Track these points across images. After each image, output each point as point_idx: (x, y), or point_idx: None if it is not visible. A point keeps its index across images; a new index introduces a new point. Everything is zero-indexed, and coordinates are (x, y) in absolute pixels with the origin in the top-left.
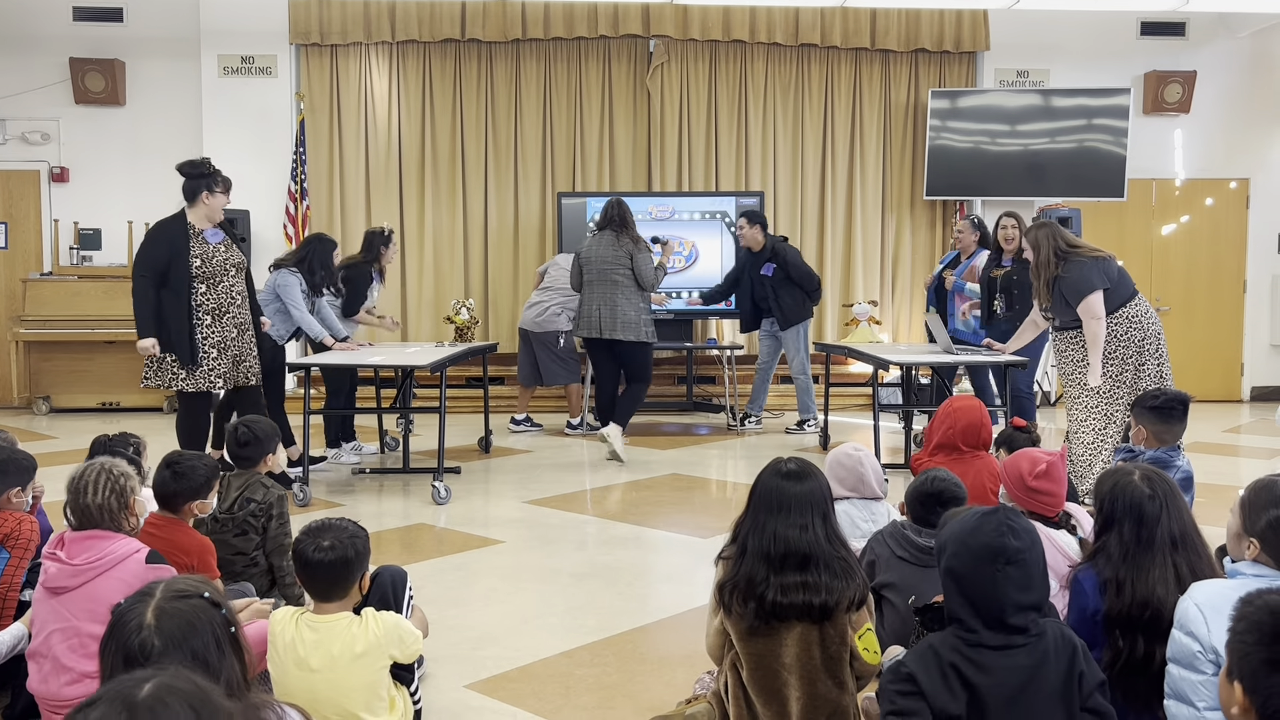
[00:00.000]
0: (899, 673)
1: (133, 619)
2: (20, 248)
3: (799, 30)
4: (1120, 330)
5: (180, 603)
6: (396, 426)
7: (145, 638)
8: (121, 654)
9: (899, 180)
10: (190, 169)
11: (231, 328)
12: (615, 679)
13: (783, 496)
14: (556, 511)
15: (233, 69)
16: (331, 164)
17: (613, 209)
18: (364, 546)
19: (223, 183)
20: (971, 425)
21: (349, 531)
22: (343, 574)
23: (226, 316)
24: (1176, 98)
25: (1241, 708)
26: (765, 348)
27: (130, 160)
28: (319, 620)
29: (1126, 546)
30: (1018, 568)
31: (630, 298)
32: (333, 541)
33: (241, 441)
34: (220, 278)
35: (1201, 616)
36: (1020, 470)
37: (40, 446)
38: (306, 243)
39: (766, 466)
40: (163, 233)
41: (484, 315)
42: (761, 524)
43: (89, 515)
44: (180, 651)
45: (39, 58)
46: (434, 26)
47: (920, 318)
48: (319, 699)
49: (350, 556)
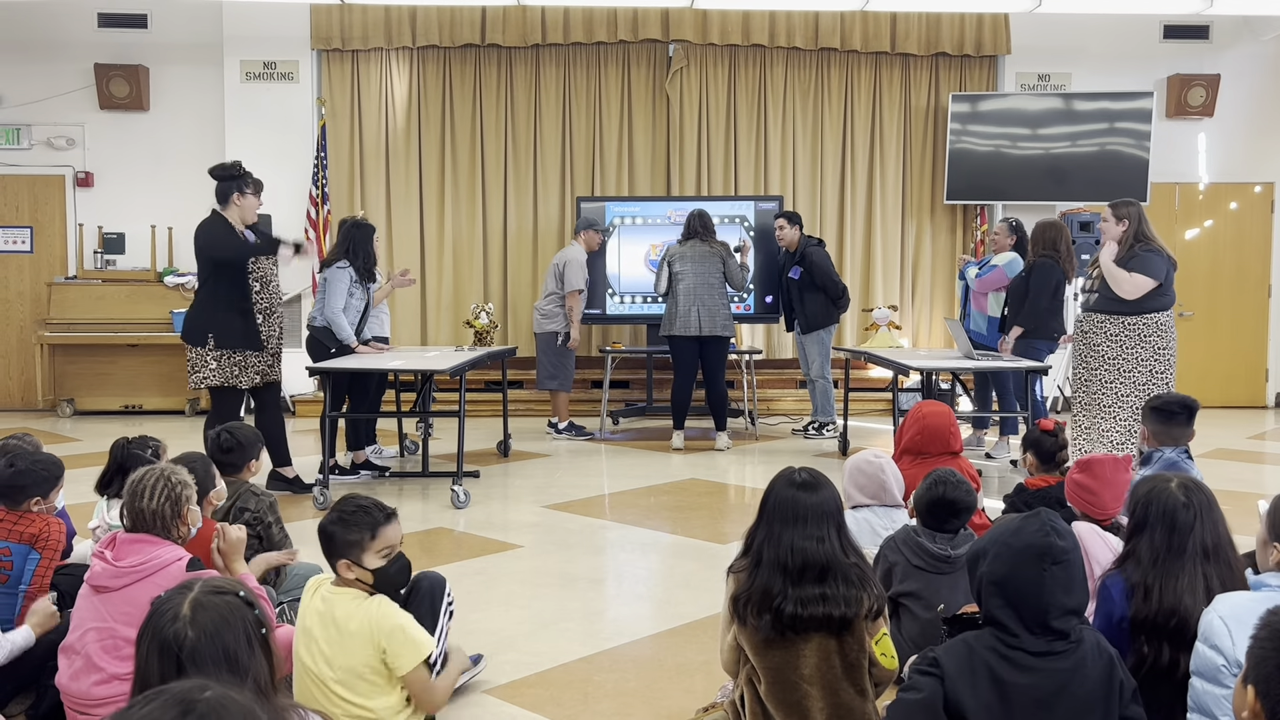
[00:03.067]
0: (925, 656)
1: (169, 609)
2: (45, 252)
3: (819, 34)
4: (1147, 330)
5: (216, 598)
6: (416, 430)
7: (180, 629)
8: (157, 642)
9: (919, 184)
10: (221, 172)
11: (275, 326)
12: (634, 685)
13: (797, 507)
14: (575, 516)
15: (255, 74)
16: (352, 168)
17: (696, 219)
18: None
19: (253, 185)
20: (939, 430)
21: (358, 503)
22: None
23: (274, 316)
24: (1200, 101)
25: (1252, 711)
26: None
27: (154, 165)
28: (333, 591)
29: (1157, 552)
30: (1063, 568)
31: (723, 299)
32: (340, 512)
33: (225, 448)
34: (270, 278)
35: (1226, 629)
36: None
37: (64, 449)
38: (345, 232)
39: (778, 476)
40: (217, 225)
41: (503, 319)
42: (776, 535)
43: (142, 519)
44: (212, 644)
45: (64, 64)
46: (454, 32)
47: (941, 322)
48: (305, 667)
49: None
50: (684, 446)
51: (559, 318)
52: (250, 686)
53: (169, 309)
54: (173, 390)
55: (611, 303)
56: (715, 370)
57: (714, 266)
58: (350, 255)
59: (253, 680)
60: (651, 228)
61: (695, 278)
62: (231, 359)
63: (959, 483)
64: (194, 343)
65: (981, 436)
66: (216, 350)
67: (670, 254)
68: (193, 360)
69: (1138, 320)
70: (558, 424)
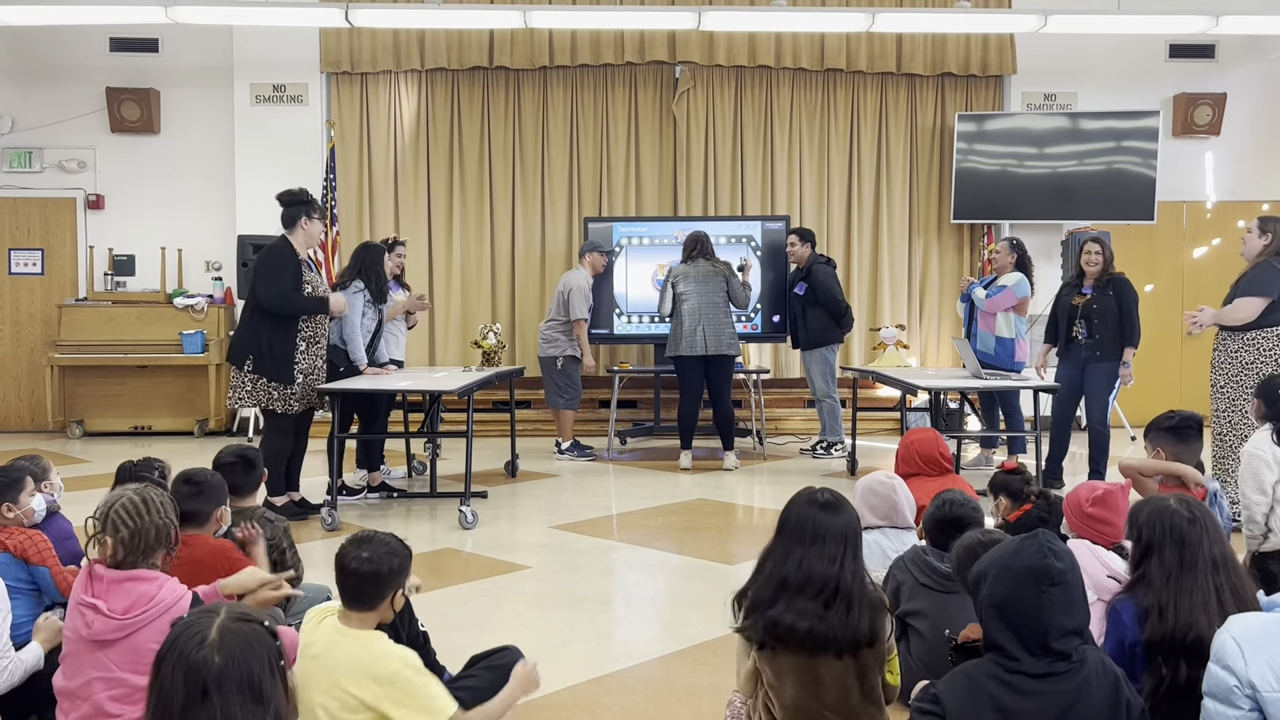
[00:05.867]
0: (926, 693)
1: (197, 633)
2: (56, 274)
3: (824, 55)
4: (1266, 345)
5: (243, 625)
6: (424, 451)
7: (207, 654)
8: (183, 665)
9: (926, 204)
10: (288, 198)
11: (318, 356)
12: (643, 708)
13: (817, 527)
14: (583, 536)
15: (265, 97)
16: (361, 190)
17: (698, 243)
18: (400, 565)
19: (319, 210)
20: (928, 452)
21: (389, 547)
22: (373, 586)
23: (316, 346)
24: (1206, 120)
25: None
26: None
27: (164, 188)
28: (343, 625)
29: (1169, 571)
30: (1061, 589)
31: (728, 318)
32: (371, 554)
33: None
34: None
35: (1239, 650)
36: (1079, 497)
37: (73, 470)
38: (356, 254)
39: (799, 495)
40: (278, 255)
41: (511, 340)
42: (787, 550)
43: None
44: (239, 671)
45: (76, 88)
46: (462, 54)
47: (949, 341)
48: (311, 692)
49: (383, 571)
50: (691, 466)
51: (559, 343)
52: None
53: (178, 330)
54: (182, 411)
55: (619, 322)
56: (721, 390)
57: (718, 286)
58: (363, 277)
59: (274, 710)
60: (659, 248)
61: (700, 297)
62: (268, 385)
63: (966, 501)
64: (235, 363)
65: (990, 456)
66: (253, 374)
67: (673, 275)
68: (233, 381)
69: (1257, 335)
70: (561, 444)
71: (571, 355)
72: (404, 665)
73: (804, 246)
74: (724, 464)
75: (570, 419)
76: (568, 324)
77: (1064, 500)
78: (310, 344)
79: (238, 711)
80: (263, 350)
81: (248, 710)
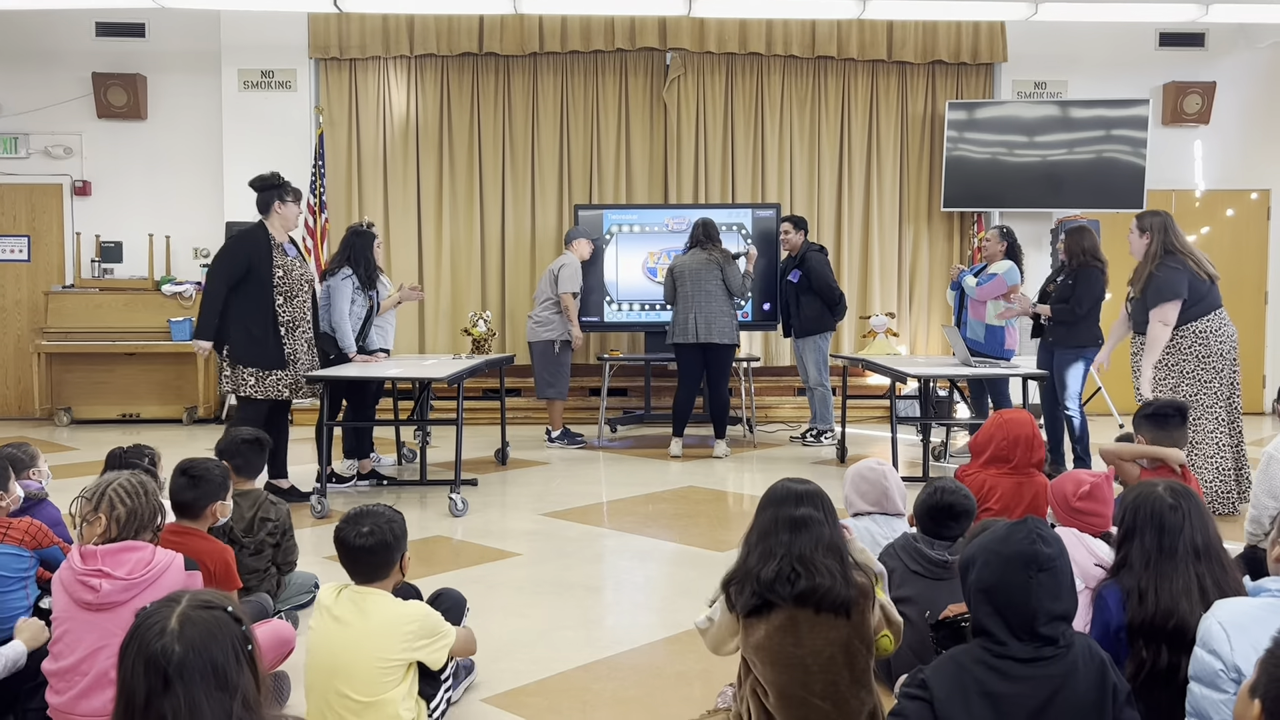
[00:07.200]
0: (915, 678)
1: (156, 623)
2: (43, 260)
3: (815, 43)
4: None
5: (204, 612)
6: (414, 438)
7: (167, 643)
8: (143, 656)
9: (916, 192)
10: (260, 183)
11: (302, 342)
12: (633, 693)
13: (793, 519)
14: (573, 524)
15: (253, 83)
16: (350, 177)
17: (699, 228)
18: (401, 530)
19: (293, 193)
20: (1024, 439)
21: (386, 516)
22: (384, 557)
23: (298, 331)
24: (1196, 108)
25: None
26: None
27: (151, 174)
28: (360, 590)
29: (1148, 555)
30: (1049, 575)
31: (723, 306)
32: (371, 527)
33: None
34: (296, 292)
35: (1224, 634)
36: (1065, 491)
37: (61, 458)
38: (346, 241)
39: (775, 486)
40: (243, 244)
41: (501, 327)
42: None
43: (130, 522)
44: (200, 659)
45: (62, 73)
46: (452, 40)
47: (938, 329)
48: (337, 659)
49: (389, 540)
50: (682, 454)
51: (553, 325)
52: (238, 702)
53: (166, 318)
54: (170, 399)
55: (609, 310)
56: (717, 378)
57: (711, 274)
58: (352, 263)
59: (241, 696)
60: (649, 235)
61: (692, 285)
62: (243, 372)
63: (957, 488)
64: (217, 350)
65: None
66: (230, 360)
67: (673, 264)
68: (220, 366)
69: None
70: (552, 432)
71: (566, 340)
72: (419, 615)
73: (798, 234)
74: (714, 452)
75: (560, 407)
76: (555, 308)
77: (1049, 492)
78: (290, 329)
79: (203, 700)
80: (238, 337)
81: (213, 698)
